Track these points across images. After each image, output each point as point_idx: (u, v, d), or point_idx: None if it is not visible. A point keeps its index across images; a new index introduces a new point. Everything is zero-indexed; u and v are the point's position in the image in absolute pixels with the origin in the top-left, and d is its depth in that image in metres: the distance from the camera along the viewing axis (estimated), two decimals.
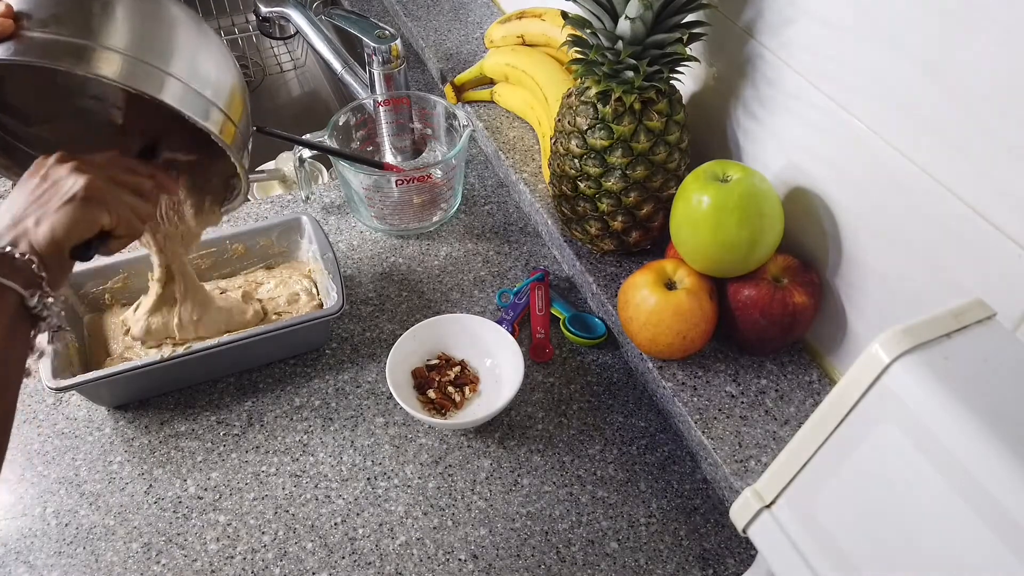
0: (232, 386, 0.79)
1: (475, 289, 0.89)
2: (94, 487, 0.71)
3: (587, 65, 0.73)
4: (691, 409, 0.71)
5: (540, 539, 0.68)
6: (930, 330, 0.40)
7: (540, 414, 0.77)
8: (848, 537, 0.43)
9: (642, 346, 0.74)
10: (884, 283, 0.65)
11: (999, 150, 0.52)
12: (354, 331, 0.84)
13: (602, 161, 0.76)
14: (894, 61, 0.57)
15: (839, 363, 0.74)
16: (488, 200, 1.00)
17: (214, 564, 0.66)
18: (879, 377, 0.40)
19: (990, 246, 0.54)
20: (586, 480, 0.72)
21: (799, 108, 0.68)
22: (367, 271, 0.91)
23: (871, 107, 0.61)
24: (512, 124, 1.04)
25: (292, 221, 0.86)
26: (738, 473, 0.66)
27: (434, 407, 0.75)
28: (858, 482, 0.42)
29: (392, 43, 0.96)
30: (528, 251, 0.94)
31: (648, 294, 0.71)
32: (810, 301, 0.69)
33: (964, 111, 0.53)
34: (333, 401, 0.78)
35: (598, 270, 0.84)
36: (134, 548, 0.67)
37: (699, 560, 0.67)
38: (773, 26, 0.68)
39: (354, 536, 0.68)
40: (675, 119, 0.74)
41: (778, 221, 0.69)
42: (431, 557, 0.67)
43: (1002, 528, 0.35)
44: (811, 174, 0.70)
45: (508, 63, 1.00)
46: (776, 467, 0.47)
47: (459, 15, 1.25)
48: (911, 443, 0.39)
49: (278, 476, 0.72)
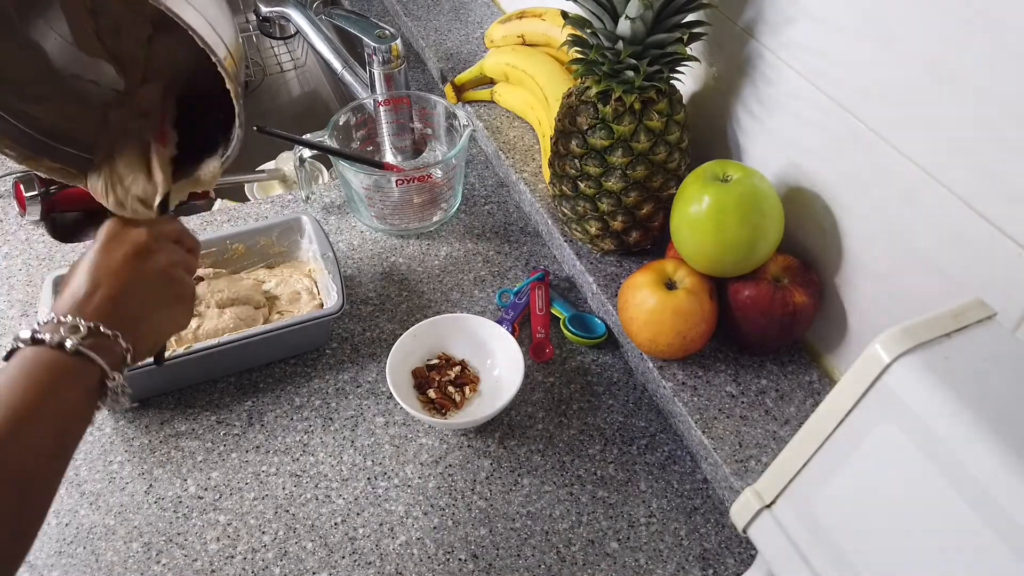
0: (232, 386, 0.79)
1: (475, 289, 0.89)
2: (94, 487, 0.71)
3: (587, 65, 0.73)
4: (691, 409, 0.71)
5: (540, 539, 0.68)
6: (930, 330, 0.40)
7: (540, 414, 0.77)
8: (848, 537, 0.43)
9: (642, 346, 0.74)
10: (884, 283, 0.65)
11: (999, 149, 0.52)
12: (354, 331, 0.84)
13: (602, 161, 0.76)
14: (894, 61, 0.57)
15: (839, 363, 0.74)
16: (488, 200, 1.00)
17: (214, 564, 0.66)
18: (879, 377, 0.40)
19: (990, 246, 0.54)
20: (586, 480, 0.72)
21: (799, 108, 0.68)
22: (367, 271, 0.91)
23: (871, 107, 0.61)
24: (512, 124, 1.04)
25: (292, 221, 0.86)
26: (738, 473, 0.66)
27: (434, 407, 0.75)
28: (858, 482, 0.42)
29: (392, 43, 0.96)
30: (528, 251, 0.94)
31: (648, 294, 0.71)
32: (810, 301, 0.70)
33: (964, 110, 0.53)
34: (333, 401, 0.78)
35: (598, 270, 0.84)
36: (134, 548, 0.67)
37: (699, 560, 0.67)
38: (773, 26, 0.68)
39: (354, 536, 0.68)
40: (675, 119, 0.74)
41: (778, 221, 0.69)
42: (431, 557, 0.67)
43: (1002, 528, 0.35)
44: (811, 174, 0.70)
45: (508, 63, 1.00)
46: (776, 467, 0.47)
47: (459, 15, 1.25)
48: (911, 443, 0.39)
49: (278, 476, 0.72)
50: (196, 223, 0.95)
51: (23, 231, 0.94)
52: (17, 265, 0.90)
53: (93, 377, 0.48)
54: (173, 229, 0.58)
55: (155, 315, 0.53)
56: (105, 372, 0.48)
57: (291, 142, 0.89)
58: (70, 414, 0.47)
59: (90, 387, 0.48)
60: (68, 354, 0.47)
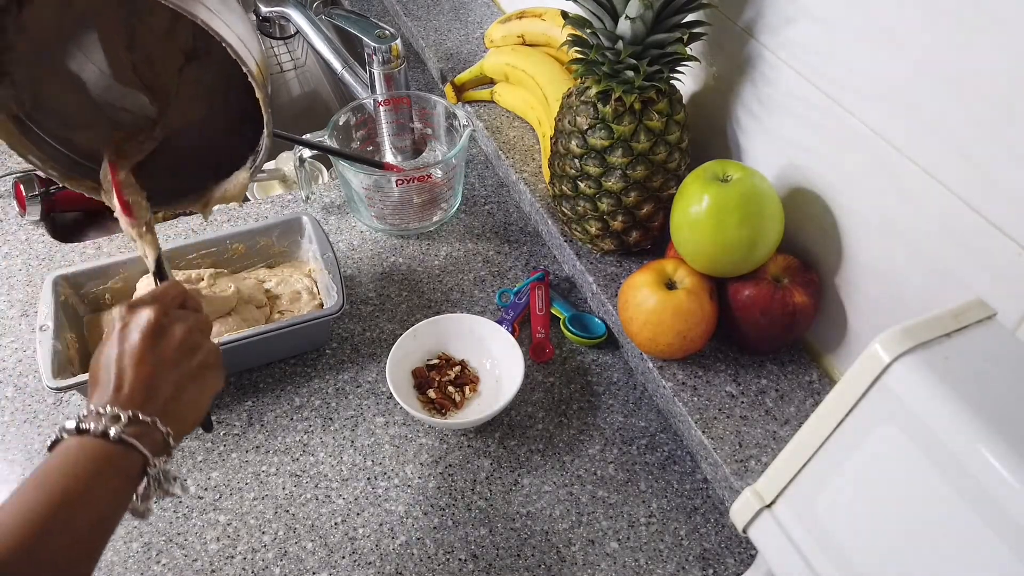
0: (232, 386, 0.79)
1: (475, 289, 0.89)
2: None
3: (587, 65, 0.73)
4: (691, 409, 0.71)
5: (540, 539, 0.68)
6: (930, 330, 0.40)
7: (540, 414, 0.77)
8: (848, 537, 0.43)
9: (642, 346, 0.74)
10: (884, 283, 0.65)
11: (999, 149, 0.52)
12: (354, 331, 0.84)
13: (602, 161, 0.76)
14: (894, 61, 0.57)
15: (839, 363, 0.74)
16: (488, 200, 1.00)
17: (214, 564, 0.66)
18: (879, 377, 0.40)
19: (990, 246, 0.54)
20: (586, 480, 0.72)
21: (799, 108, 0.68)
22: (367, 271, 0.91)
23: (871, 107, 0.61)
24: (512, 124, 1.04)
25: (292, 221, 0.86)
26: (738, 473, 0.66)
27: (434, 407, 0.75)
28: (858, 482, 0.42)
29: (392, 43, 0.96)
30: (528, 251, 0.94)
31: (648, 294, 0.71)
32: (810, 301, 0.70)
33: (964, 110, 0.53)
34: (333, 401, 0.78)
35: (598, 270, 0.84)
36: (134, 548, 0.67)
37: (699, 560, 0.67)
38: (773, 26, 0.68)
39: (354, 536, 0.68)
40: (675, 119, 0.74)
41: (778, 221, 0.69)
42: (431, 557, 0.67)
43: (1002, 528, 0.35)
44: (811, 174, 0.70)
45: (508, 63, 1.00)
46: (776, 467, 0.47)
47: (459, 15, 1.25)
48: (911, 443, 0.39)
49: (278, 476, 0.72)
50: (196, 223, 0.95)
51: (23, 231, 0.94)
52: (17, 265, 0.90)
53: (136, 465, 0.48)
54: (177, 294, 0.58)
55: (188, 389, 0.53)
56: (147, 459, 0.49)
57: (291, 142, 0.89)
58: (112, 501, 0.48)
59: (132, 476, 0.48)
60: (111, 443, 0.48)
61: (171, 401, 0.52)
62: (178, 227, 0.94)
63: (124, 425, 0.48)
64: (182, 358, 0.53)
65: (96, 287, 0.81)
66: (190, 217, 0.96)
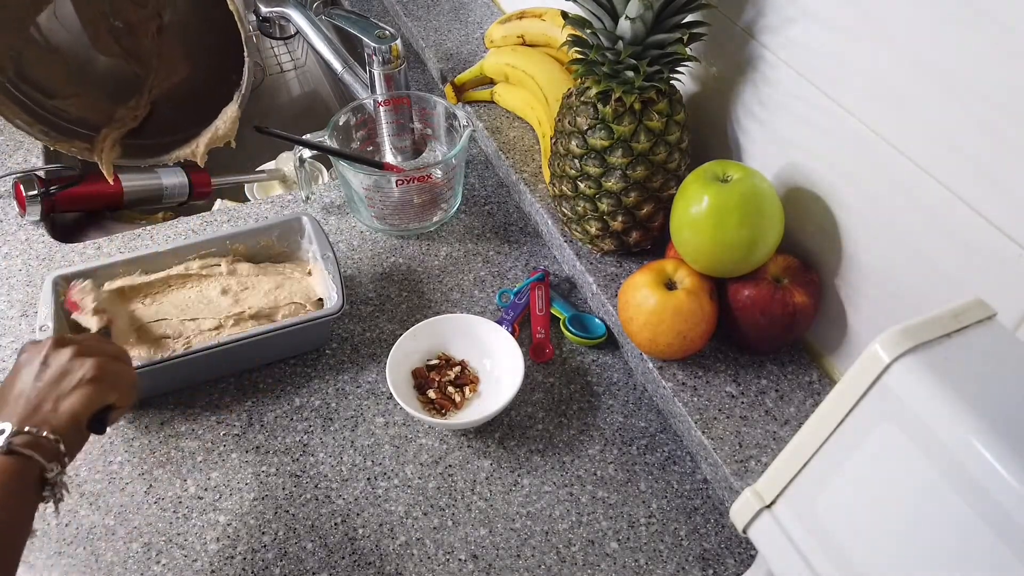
0: (232, 386, 0.79)
1: (475, 289, 0.89)
2: (94, 487, 0.71)
3: (587, 65, 0.73)
4: (691, 409, 0.71)
5: (540, 539, 0.68)
6: (930, 330, 0.40)
7: (540, 414, 0.77)
8: (848, 537, 0.43)
9: (642, 346, 0.74)
10: (884, 283, 0.65)
11: (999, 149, 0.52)
12: (354, 331, 0.84)
13: (602, 161, 0.76)
14: (894, 61, 0.57)
15: (839, 363, 0.74)
16: (488, 200, 1.00)
17: (214, 564, 0.66)
18: (879, 377, 0.40)
19: (990, 246, 0.54)
20: (586, 480, 0.72)
21: (799, 108, 0.68)
22: (367, 271, 0.91)
23: (871, 107, 0.61)
24: (512, 124, 1.04)
25: (292, 221, 0.86)
26: (738, 473, 0.66)
27: (434, 407, 0.75)
28: (858, 482, 0.42)
29: (392, 43, 0.95)
30: (528, 251, 0.94)
31: (648, 294, 0.71)
32: (810, 301, 0.69)
33: (964, 110, 0.53)
34: (333, 401, 0.78)
35: (598, 270, 0.84)
36: (134, 548, 0.67)
37: (699, 560, 0.67)
38: (773, 26, 0.68)
39: (354, 536, 0.68)
40: (675, 119, 0.74)
41: (778, 221, 0.69)
42: (431, 557, 0.67)
43: (1002, 528, 0.35)
44: (811, 174, 0.70)
45: (508, 63, 1.00)
46: (776, 467, 0.47)
47: (459, 15, 1.25)
48: (911, 443, 0.39)
49: (278, 476, 0.72)
50: (196, 223, 0.95)
51: (23, 231, 0.94)
52: (17, 265, 0.90)
53: (32, 473, 0.53)
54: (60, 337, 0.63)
55: (68, 399, 0.57)
56: (43, 465, 0.54)
57: (291, 142, 0.89)
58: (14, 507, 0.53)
59: (31, 484, 0.53)
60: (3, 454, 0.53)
61: (52, 413, 0.57)
62: (178, 227, 0.94)
63: (11, 434, 0.54)
64: (62, 378, 0.58)
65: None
66: (190, 217, 0.96)
